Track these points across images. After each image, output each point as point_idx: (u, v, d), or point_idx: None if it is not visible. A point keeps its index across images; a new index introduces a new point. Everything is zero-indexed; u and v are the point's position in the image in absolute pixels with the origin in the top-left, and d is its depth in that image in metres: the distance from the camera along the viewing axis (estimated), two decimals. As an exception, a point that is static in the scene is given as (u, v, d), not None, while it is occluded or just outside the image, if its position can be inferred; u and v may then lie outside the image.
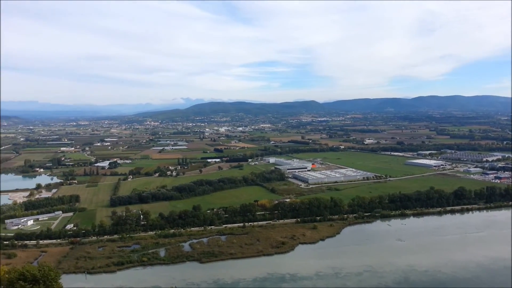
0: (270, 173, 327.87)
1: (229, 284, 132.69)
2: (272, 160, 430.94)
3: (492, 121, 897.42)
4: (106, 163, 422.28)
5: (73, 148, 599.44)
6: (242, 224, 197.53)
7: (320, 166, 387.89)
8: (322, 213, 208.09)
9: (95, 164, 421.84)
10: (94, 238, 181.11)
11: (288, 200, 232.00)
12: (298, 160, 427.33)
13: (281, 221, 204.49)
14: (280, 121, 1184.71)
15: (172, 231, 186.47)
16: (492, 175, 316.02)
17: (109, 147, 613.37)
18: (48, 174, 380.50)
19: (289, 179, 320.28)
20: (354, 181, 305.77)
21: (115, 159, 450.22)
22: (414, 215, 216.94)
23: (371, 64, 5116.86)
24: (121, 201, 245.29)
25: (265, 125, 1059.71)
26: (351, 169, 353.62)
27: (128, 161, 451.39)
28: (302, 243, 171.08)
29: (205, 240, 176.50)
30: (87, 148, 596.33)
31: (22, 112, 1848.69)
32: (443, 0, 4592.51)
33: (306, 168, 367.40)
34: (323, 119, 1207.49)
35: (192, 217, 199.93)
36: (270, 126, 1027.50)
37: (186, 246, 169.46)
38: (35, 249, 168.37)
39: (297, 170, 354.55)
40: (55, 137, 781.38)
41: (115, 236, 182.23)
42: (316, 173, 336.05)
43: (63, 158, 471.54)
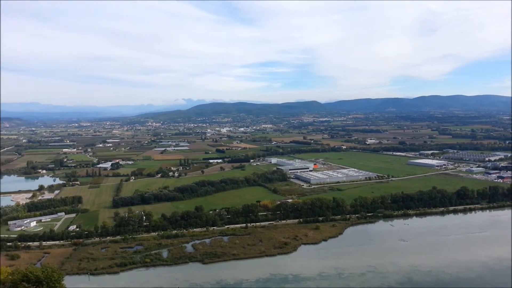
0: (272, 174, 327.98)
1: (232, 285, 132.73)
2: (274, 161, 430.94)
3: (494, 121, 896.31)
4: (108, 164, 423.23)
5: (75, 149, 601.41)
6: (245, 225, 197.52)
7: (322, 167, 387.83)
8: (325, 214, 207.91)
9: (97, 165, 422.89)
10: (97, 239, 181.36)
11: (290, 201, 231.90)
12: (300, 161, 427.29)
13: (284, 222, 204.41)
14: (282, 122, 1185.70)
15: (175, 232, 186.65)
16: (495, 175, 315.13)
17: (111, 148, 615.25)
18: (51, 176, 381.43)
19: (291, 180, 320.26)
20: (356, 181, 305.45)
21: (117, 160, 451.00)
22: (417, 215, 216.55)
23: (372, 64, 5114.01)
24: (124, 202, 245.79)
25: (267, 126, 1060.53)
26: (353, 169, 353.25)
27: (130, 162, 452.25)
28: (305, 244, 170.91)
29: (208, 241, 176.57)
30: (89, 149, 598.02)
31: (24, 114, 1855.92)
32: (444, 0, 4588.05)
33: (308, 169, 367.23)
34: (325, 119, 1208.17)
35: (195, 218, 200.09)
36: (272, 127, 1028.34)
37: (189, 247, 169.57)
38: (38, 251, 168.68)
39: (299, 171, 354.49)
40: (57, 139, 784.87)
41: (118, 237, 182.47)
42: (318, 174, 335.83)
43: (65, 160, 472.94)
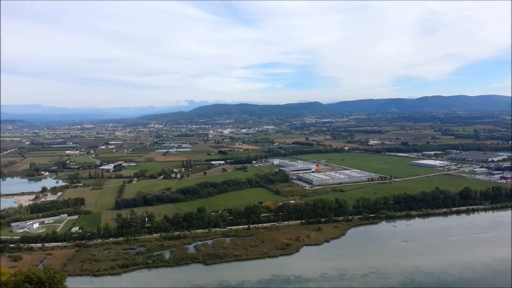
0: (274, 175, 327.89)
1: (234, 286, 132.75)
2: (276, 162, 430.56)
3: (497, 121, 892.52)
4: (111, 166, 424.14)
5: (78, 151, 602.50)
6: (247, 226, 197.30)
7: (324, 168, 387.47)
8: (327, 215, 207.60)
9: (100, 167, 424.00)
10: (99, 241, 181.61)
11: (293, 202, 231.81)
12: (302, 162, 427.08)
13: (286, 223, 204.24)
14: (284, 123, 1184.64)
15: (177, 233, 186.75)
16: (498, 175, 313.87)
17: (114, 150, 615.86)
18: (54, 177, 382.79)
19: (293, 181, 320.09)
20: (359, 182, 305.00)
21: (120, 162, 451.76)
22: (420, 216, 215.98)
23: (374, 64, 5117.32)
24: (126, 204, 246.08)
25: (269, 127, 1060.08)
26: (356, 170, 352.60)
27: (133, 164, 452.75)
28: (307, 245, 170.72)
29: (210, 242, 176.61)
30: (92, 151, 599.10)
31: (27, 116, 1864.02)
32: (446, 0, 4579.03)
33: (310, 170, 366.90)
34: (327, 120, 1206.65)
35: (197, 219, 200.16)
36: (274, 128, 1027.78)
37: (191, 248, 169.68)
38: (41, 252, 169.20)
39: (301, 172, 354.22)
40: (60, 141, 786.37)
41: (120, 239, 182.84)
42: (321, 175, 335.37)
43: (68, 161, 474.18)
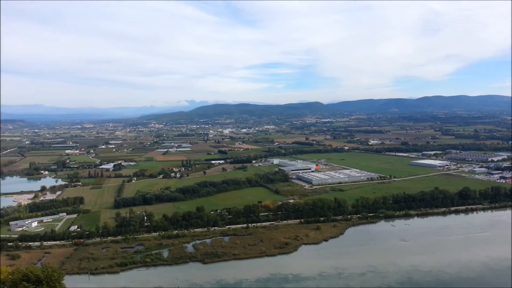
0: (274, 174, 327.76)
1: (232, 285, 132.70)
2: (276, 161, 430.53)
3: (497, 121, 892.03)
4: (111, 165, 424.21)
5: (78, 151, 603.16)
6: (246, 225, 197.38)
7: (324, 167, 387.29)
8: (326, 214, 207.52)
9: (100, 167, 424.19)
10: (98, 240, 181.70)
11: (292, 201, 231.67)
12: (302, 161, 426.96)
13: (285, 222, 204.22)
14: (284, 123, 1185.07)
15: (176, 232, 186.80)
16: (497, 175, 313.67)
17: (114, 150, 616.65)
18: (53, 177, 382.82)
19: (293, 180, 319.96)
20: (358, 182, 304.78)
21: (120, 161, 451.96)
22: (418, 216, 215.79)
23: (375, 65, 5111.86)
24: (125, 203, 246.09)
25: (269, 127, 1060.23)
26: (355, 170, 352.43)
27: (133, 163, 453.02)
28: (306, 244, 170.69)
29: (209, 241, 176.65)
30: (92, 151, 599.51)
31: (28, 116, 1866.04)
32: (447, 0, 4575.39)
33: (310, 169, 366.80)
34: (327, 120, 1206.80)
35: (196, 218, 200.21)
36: (274, 128, 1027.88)
37: (189, 247, 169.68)
38: (39, 250, 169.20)
39: (301, 171, 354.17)
40: (60, 140, 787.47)
41: (119, 237, 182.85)
42: (320, 174, 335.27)
43: (68, 161, 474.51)
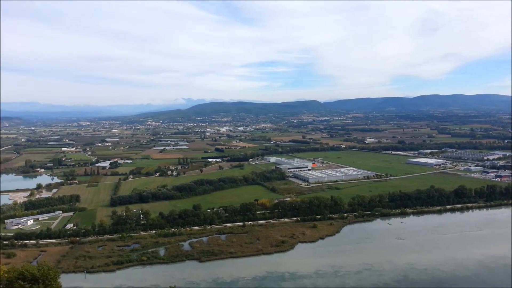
0: (271, 173, 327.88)
1: (229, 283, 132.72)
2: (273, 160, 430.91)
3: (494, 120, 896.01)
4: (107, 163, 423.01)
5: (74, 149, 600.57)
6: (242, 223, 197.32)
7: (321, 165, 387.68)
8: (322, 212, 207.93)
9: (96, 164, 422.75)
10: (94, 238, 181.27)
11: (288, 199, 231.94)
12: (299, 160, 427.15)
13: (281, 220, 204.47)
14: (281, 121, 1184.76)
15: (172, 231, 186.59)
16: (493, 174, 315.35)
17: (110, 147, 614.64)
18: (49, 174, 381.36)
19: (290, 179, 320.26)
20: (355, 180, 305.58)
21: (116, 159, 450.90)
22: (414, 214, 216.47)
23: (373, 64, 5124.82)
24: (122, 201, 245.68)
25: (266, 125, 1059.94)
26: (352, 168, 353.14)
27: (129, 161, 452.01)
28: (302, 242, 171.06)
29: (205, 239, 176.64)
30: (88, 148, 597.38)
31: (24, 113, 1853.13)
32: (446, 0, 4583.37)
33: (307, 168, 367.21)
34: (324, 119, 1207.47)
35: (192, 217, 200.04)
36: (271, 126, 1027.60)
37: (186, 245, 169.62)
38: (35, 249, 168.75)
39: (298, 170, 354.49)
40: (56, 138, 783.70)
41: (115, 236, 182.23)
42: (317, 172, 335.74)
43: (64, 158, 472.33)
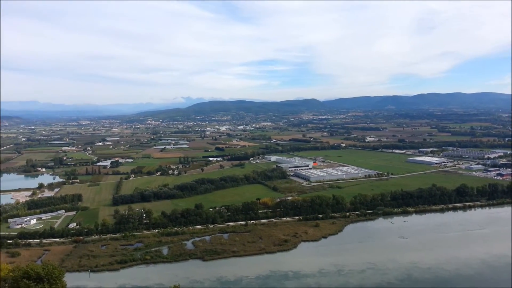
0: (272, 172, 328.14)
1: (232, 282, 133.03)
2: (274, 159, 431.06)
3: (494, 118, 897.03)
4: (108, 163, 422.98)
5: (75, 148, 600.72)
6: (245, 222, 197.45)
7: (322, 164, 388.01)
8: (324, 211, 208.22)
9: (97, 164, 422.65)
10: (97, 237, 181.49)
11: (290, 198, 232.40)
12: (300, 158, 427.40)
13: (283, 219, 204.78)
14: (281, 120, 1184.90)
15: (175, 230, 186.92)
16: (494, 172, 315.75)
17: (111, 147, 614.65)
18: (50, 174, 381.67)
19: (291, 177, 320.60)
20: (356, 179, 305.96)
21: (117, 158, 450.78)
22: (416, 212, 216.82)
23: (371, 62, 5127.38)
24: (124, 200, 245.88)
25: (266, 124, 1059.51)
26: (353, 167, 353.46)
27: (130, 160, 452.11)
28: (305, 241, 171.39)
29: (208, 238, 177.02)
30: (89, 148, 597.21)
31: (23, 112, 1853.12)
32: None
33: (308, 166, 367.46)
34: (324, 117, 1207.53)
35: (195, 216, 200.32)
36: (271, 125, 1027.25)
37: (189, 244, 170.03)
38: (39, 248, 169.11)
39: (299, 168, 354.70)
40: (57, 137, 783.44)
41: (118, 235, 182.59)
42: (318, 171, 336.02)
43: (65, 158, 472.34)
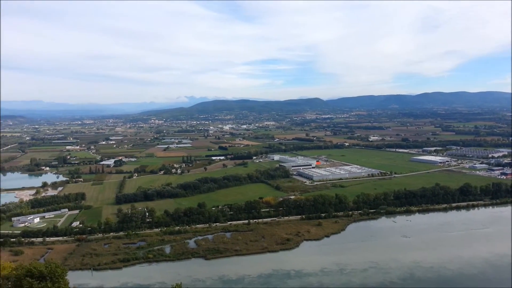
0: (275, 171, 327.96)
1: (234, 281, 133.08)
2: (277, 158, 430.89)
3: (498, 117, 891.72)
4: (111, 161, 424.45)
5: (79, 147, 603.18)
6: (247, 221, 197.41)
7: (325, 163, 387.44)
8: (327, 210, 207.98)
9: (101, 163, 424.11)
10: (100, 235, 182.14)
11: (293, 197, 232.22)
12: (303, 157, 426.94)
13: (286, 218, 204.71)
14: (284, 119, 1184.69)
15: (177, 228, 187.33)
16: (498, 171, 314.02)
17: (114, 146, 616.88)
18: (54, 173, 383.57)
19: (294, 176, 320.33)
20: (359, 178, 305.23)
21: (120, 157, 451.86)
22: (420, 212, 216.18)
23: (375, 61, 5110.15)
24: (127, 199, 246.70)
25: (269, 123, 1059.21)
26: (356, 166, 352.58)
27: (133, 159, 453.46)
28: (307, 240, 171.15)
29: (210, 237, 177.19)
30: (92, 147, 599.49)
31: (27, 112, 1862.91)
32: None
33: (311, 165, 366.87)
34: (327, 116, 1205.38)
35: (197, 214, 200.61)
36: (274, 124, 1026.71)
37: (191, 243, 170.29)
38: (42, 246, 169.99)
39: (302, 167, 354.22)
40: (61, 136, 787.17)
41: (121, 233, 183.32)
42: (321, 170, 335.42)
43: (69, 157, 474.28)
